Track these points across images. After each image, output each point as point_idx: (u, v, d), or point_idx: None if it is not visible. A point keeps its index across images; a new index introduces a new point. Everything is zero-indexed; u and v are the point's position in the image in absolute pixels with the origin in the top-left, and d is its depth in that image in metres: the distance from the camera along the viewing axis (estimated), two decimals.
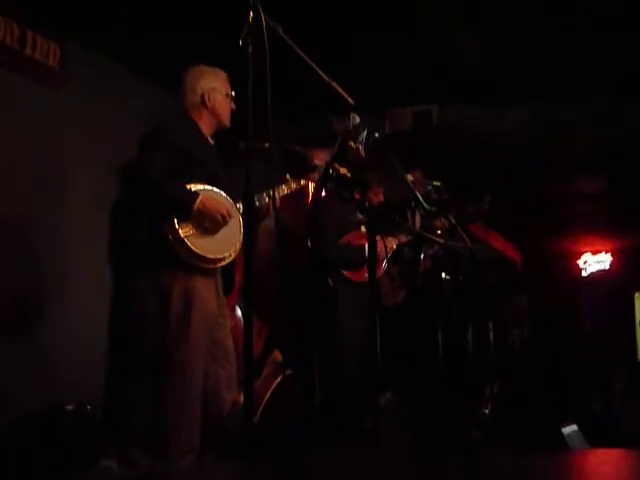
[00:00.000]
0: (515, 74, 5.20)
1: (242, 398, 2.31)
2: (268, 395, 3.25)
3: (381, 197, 4.59)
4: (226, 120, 3.35)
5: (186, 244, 2.96)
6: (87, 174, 4.61)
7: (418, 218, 4.52)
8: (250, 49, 2.34)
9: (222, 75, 3.35)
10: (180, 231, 2.96)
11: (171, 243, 2.96)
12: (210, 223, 3.02)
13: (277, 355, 3.68)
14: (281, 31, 2.45)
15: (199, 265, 3.03)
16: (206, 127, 3.30)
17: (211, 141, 3.33)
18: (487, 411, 4.40)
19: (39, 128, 4.25)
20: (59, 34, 4.38)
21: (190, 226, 2.98)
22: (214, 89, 3.29)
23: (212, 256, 3.02)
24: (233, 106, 3.34)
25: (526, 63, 5.06)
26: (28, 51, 4.17)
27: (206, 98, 3.27)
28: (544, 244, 10.41)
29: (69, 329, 4.40)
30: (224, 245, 3.07)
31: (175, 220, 2.96)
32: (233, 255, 3.11)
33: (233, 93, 3.33)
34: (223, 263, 3.10)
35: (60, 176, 4.45)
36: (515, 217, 8.20)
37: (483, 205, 4.50)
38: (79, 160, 4.55)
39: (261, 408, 3.16)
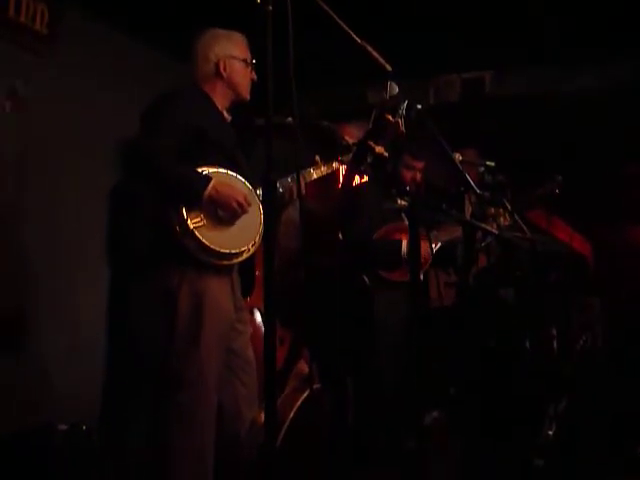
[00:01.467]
0: (590, 26, 5.12)
1: (262, 417, 2.31)
2: (293, 413, 3.26)
3: (417, 174, 4.58)
4: (245, 92, 3.34)
5: (196, 236, 2.94)
6: (81, 157, 4.65)
7: (468, 206, 4.51)
8: (270, 7, 2.34)
9: (240, 40, 3.33)
10: (189, 221, 2.94)
11: (178, 235, 2.95)
12: (225, 212, 3.01)
13: (303, 367, 3.69)
14: None
15: (212, 261, 3.01)
16: (221, 100, 3.30)
17: (227, 117, 3.33)
18: (551, 433, 4.38)
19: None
20: None
21: (201, 216, 2.97)
22: (231, 56, 3.27)
23: (227, 250, 3.01)
24: (254, 76, 3.32)
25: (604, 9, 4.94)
26: (11, 13, 4.21)
27: (221, 67, 3.26)
28: (620, 233, 10.28)
29: (63, 339, 4.47)
30: (241, 238, 3.06)
31: (183, 208, 2.94)
32: (252, 249, 3.10)
33: (254, 61, 3.31)
34: (240, 259, 3.09)
35: (49, 160, 4.49)
36: (584, 200, 8.11)
37: (554, 188, 4.47)
38: (70, 140, 4.59)
39: (284, 429, 3.17)
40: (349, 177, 4.29)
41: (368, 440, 3.98)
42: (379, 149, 3.03)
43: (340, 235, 4.40)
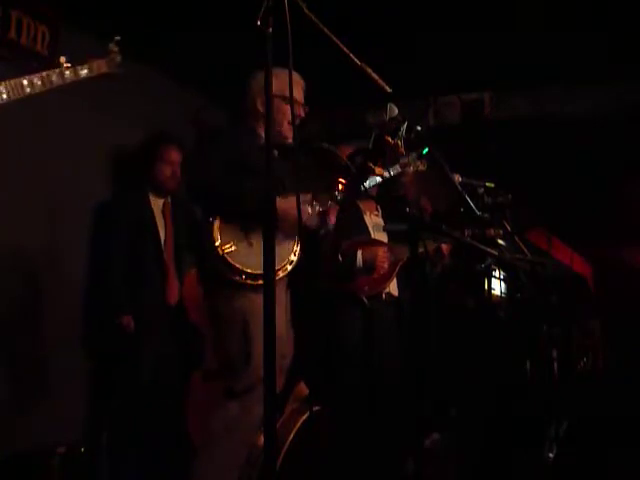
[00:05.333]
0: (583, 50, 5.14)
1: (262, 440, 2.30)
2: (292, 436, 3.25)
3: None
4: (282, 129, 3.39)
5: (228, 261, 3.14)
6: (80, 175, 4.66)
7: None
8: (270, 29, 2.34)
9: (282, 76, 3.35)
10: (219, 248, 3.14)
11: (213, 261, 3.16)
12: (285, 227, 3.18)
13: (302, 388, 3.68)
14: (306, 9, 2.46)
15: (248, 282, 3.17)
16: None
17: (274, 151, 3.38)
18: (551, 455, 4.37)
19: (23, 124, 4.31)
20: (49, 15, 4.44)
21: (232, 242, 3.16)
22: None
23: (260, 271, 3.08)
24: (300, 112, 3.40)
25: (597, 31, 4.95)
26: (12, 34, 4.23)
27: (258, 103, 3.35)
28: (620, 255, 10.28)
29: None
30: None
31: (218, 236, 3.14)
32: (288, 268, 3.28)
33: (299, 97, 3.38)
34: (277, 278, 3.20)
35: (48, 177, 4.49)
36: (584, 221, 8.11)
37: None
38: (69, 159, 4.60)
39: (284, 452, 3.16)
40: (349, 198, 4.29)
41: (369, 462, 3.96)
42: (379, 170, 3.04)
43: (340, 257, 4.38)
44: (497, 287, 6.58)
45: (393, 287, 4.45)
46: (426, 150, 3.92)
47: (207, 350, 3.95)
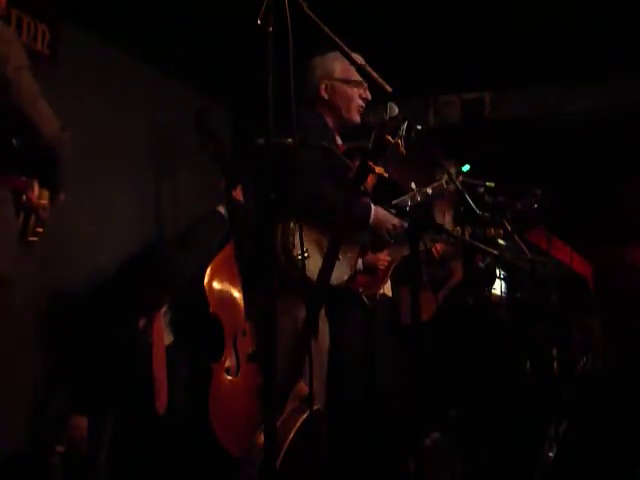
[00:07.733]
0: (583, 49, 5.13)
1: (262, 439, 2.30)
2: (292, 434, 3.24)
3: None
4: (352, 115, 3.34)
5: (299, 269, 3.02)
6: (80, 175, 4.65)
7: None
8: (270, 28, 2.34)
9: (341, 59, 3.21)
10: (294, 252, 3.04)
11: (283, 266, 3.06)
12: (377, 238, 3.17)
13: (302, 387, 3.67)
14: (307, 7, 2.45)
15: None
16: (331, 123, 3.31)
17: (338, 140, 3.33)
18: (551, 454, 4.36)
19: None
20: (49, 14, 4.44)
21: (307, 251, 3.07)
22: (332, 78, 3.24)
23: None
24: (367, 95, 3.32)
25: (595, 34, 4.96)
26: None
27: (322, 90, 3.26)
28: (620, 254, 10.27)
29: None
30: (341, 269, 3.15)
31: (295, 241, 3.02)
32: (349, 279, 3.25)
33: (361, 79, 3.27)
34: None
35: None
36: (584, 221, 8.12)
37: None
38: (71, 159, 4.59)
39: (284, 450, 3.16)
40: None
41: (369, 461, 3.96)
42: (379, 170, 3.02)
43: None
44: (497, 287, 6.59)
45: (387, 288, 4.44)
46: (467, 167, 3.86)
47: (226, 344, 3.84)
